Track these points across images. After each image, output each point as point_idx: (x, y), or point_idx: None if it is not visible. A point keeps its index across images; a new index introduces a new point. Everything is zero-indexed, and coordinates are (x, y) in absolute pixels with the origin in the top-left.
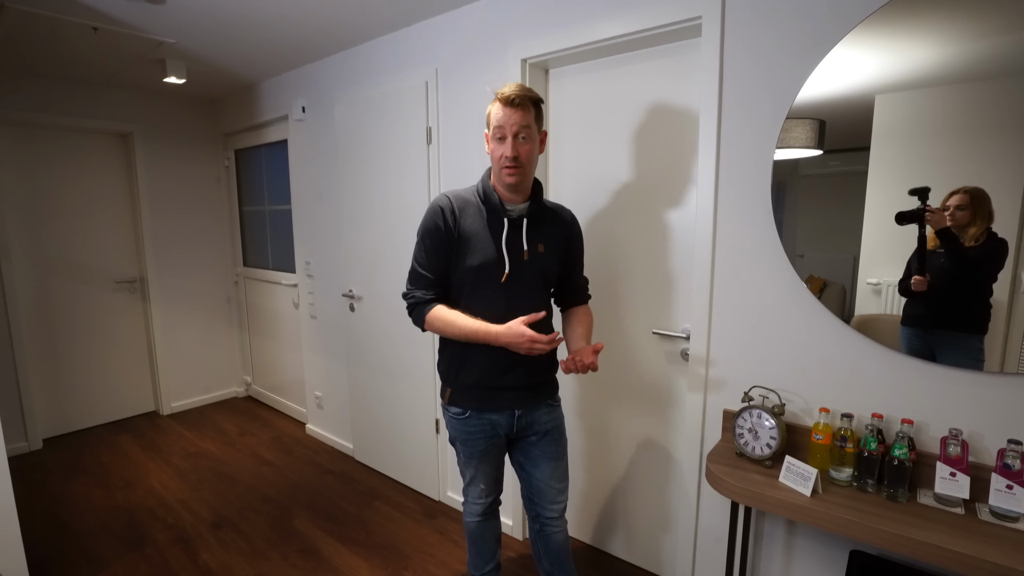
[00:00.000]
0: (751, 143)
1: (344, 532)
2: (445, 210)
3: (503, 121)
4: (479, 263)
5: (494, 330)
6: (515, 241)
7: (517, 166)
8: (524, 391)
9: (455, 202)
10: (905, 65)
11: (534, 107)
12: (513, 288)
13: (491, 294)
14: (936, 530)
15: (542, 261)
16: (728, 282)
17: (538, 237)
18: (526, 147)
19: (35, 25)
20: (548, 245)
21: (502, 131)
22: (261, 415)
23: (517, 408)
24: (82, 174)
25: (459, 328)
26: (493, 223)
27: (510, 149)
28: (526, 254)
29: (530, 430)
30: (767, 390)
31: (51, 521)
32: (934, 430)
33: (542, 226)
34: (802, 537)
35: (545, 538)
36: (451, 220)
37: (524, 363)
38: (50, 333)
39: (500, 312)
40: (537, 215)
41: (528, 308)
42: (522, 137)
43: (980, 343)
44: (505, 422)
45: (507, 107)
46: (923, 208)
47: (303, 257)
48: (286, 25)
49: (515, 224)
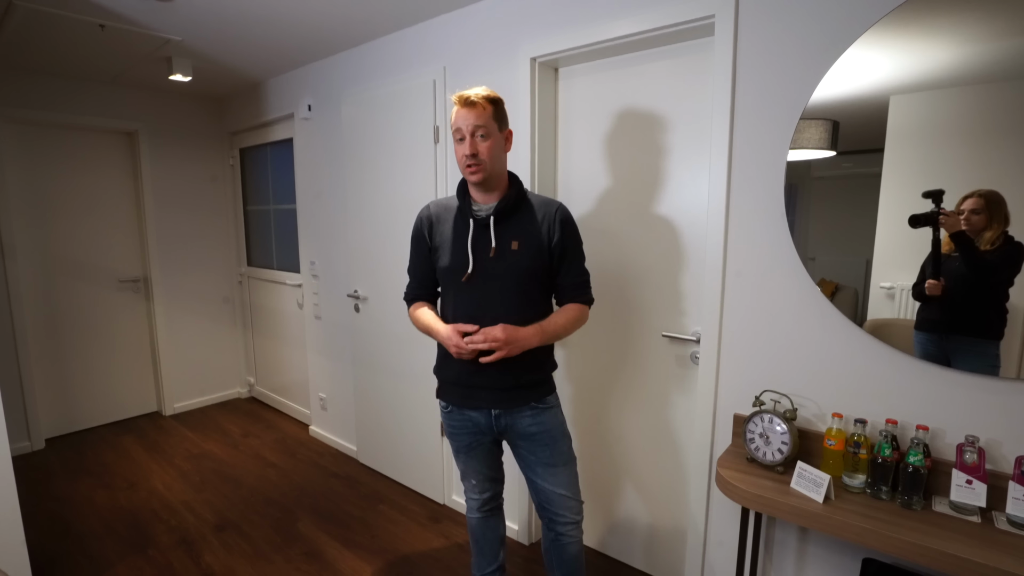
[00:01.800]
0: (764, 144)
1: (348, 535)
2: (423, 219)
3: (460, 122)
4: (447, 264)
5: (437, 329)
6: (482, 240)
7: (477, 163)
8: (501, 391)
9: (434, 210)
10: (921, 66)
11: (492, 105)
12: (480, 286)
13: (459, 294)
14: (952, 539)
15: (515, 258)
16: (739, 285)
17: (511, 234)
18: (485, 144)
19: (43, 23)
20: (523, 242)
21: (460, 132)
22: (264, 416)
23: (494, 408)
24: (87, 172)
25: (422, 324)
26: (461, 224)
27: (468, 147)
28: (493, 252)
29: (513, 432)
30: (779, 394)
31: (54, 522)
32: (950, 437)
33: (515, 223)
34: (814, 545)
35: (560, 547)
36: (426, 229)
37: (500, 363)
38: (53, 332)
39: (470, 311)
40: (506, 212)
41: (503, 306)
42: (480, 135)
43: (996, 349)
44: (484, 420)
45: (463, 107)
46: (937, 211)
47: (308, 257)
48: (293, 23)
49: (483, 223)
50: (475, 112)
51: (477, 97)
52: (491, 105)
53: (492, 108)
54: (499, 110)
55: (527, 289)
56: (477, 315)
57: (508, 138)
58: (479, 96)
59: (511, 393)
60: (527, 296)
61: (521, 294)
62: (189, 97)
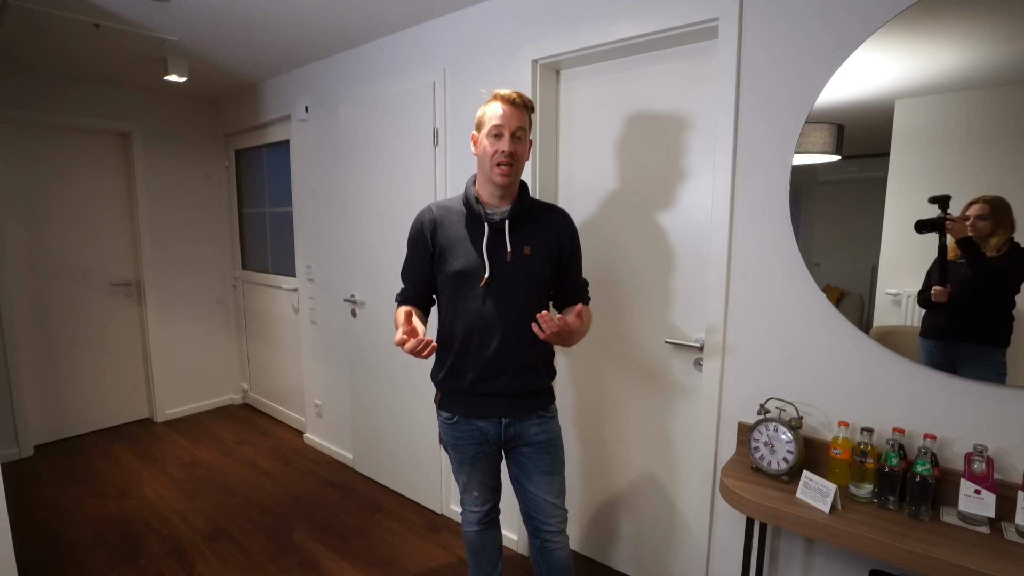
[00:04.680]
0: (769, 148)
1: (345, 546)
2: (425, 223)
3: (503, 119)
4: (460, 268)
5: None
6: (497, 244)
7: (511, 163)
8: (513, 399)
9: (436, 213)
10: (927, 69)
11: (530, 112)
12: (496, 292)
13: (474, 298)
14: (961, 550)
15: (528, 264)
16: (744, 291)
17: (523, 239)
18: (521, 147)
19: (37, 22)
20: (535, 247)
21: (500, 128)
22: (258, 423)
23: (504, 416)
24: (79, 174)
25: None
26: (475, 228)
27: (507, 144)
28: (509, 256)
29: (520, 440)
30: (784, 402)
31: (44, 531)
32: (958, 446)
33: (528, 228)
34: (820, 556)
35: (547, 555)
36: (429, 233)
37: (513, 369)
38: (43, 336)
39: (485, 315)
40: (520, 217)
41: (514, 311)
42: (518, 136)
43: (1003, 356)
44: (493, 430)
45: (508, 105)
46: (943, 217)
47: (304, 261)
48: (290, 23)
49: (497, 227)
50: (519, 113)
51: (522, 98)
52: (529, 111)
53: (529, 114)
54: (532, 118)
55: (539, 294)
56: (494, 319)
57: (530, 147)
58: (524, 98)
59: (521, 401)
60: (538, 301)
61: (532, 299)
62: (184, 98)
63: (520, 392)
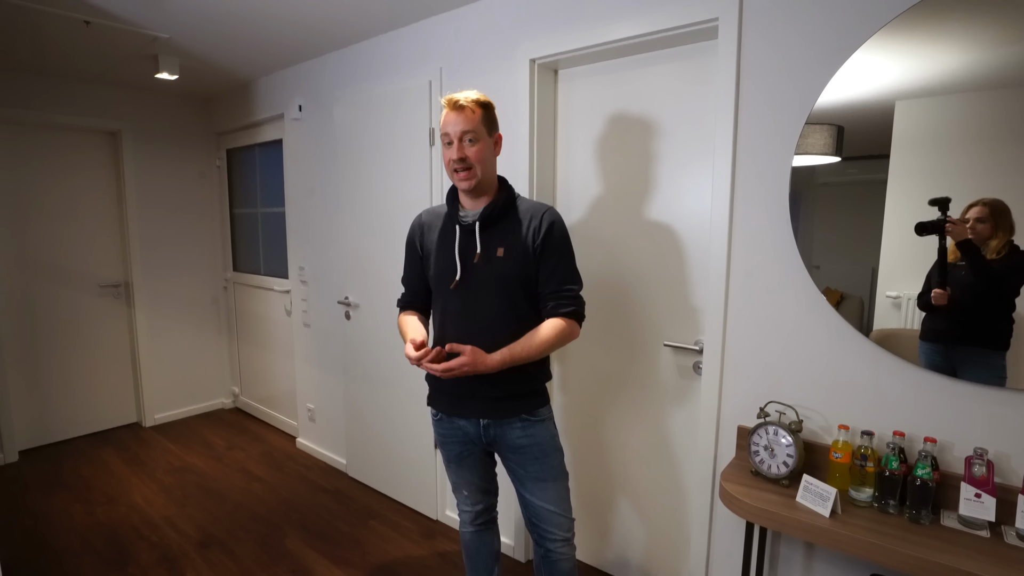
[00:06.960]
0: (769, 149)
1: (338, 553)
2: (415, 228)
3: (448, 127)
4: (436, 271)
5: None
6: (468, 246)
7: (467, 167)
8: (492, 401)
9: (425, 218)
10: (927, 71)
11: (482, 110)
12: (469, 293)
13: (447, 300)
14: (962, 554)
15: (502, 265)
16: (743, 293)
17: (498, 240)
18: (474, 148)
19: (25, 18)
20: (509, 248)
21: (448, 136)
22: (250, 428)
23: (483, 417)
24: (67, 173)
25: (401, 333)
26: (450, 230)
27: (456, 151)
28: (478, 258)
29: (502, 443)
30: (784, 406)
31: (29, 538)
32: (958, 449)
33: (503, 228)
34: (821, 561)
35: (550, 564)
36: (418, 237)
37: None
38: (29, 339)
39: (457, 318)
40: (493, 218)
41: (489, 312)
42: (468, 140)
43: (1003, 359)
44: (473, 430)
45: (453, 111)
46: (944, 219)
47: (297, 262)
48: (284, 21)
49: (468, 229)
50: (464, 116)
51: (467, 101)
52: (481, 109)
53: (482, 112)
54: (489, 114)
55: (514, 297)
56: (466, 322)
57: (498, 143)
58: (469, 100)
59: (501, 403)
60: (514, 304)
61: (509, 301)
62: (175, 96)
63: (501, 395)
